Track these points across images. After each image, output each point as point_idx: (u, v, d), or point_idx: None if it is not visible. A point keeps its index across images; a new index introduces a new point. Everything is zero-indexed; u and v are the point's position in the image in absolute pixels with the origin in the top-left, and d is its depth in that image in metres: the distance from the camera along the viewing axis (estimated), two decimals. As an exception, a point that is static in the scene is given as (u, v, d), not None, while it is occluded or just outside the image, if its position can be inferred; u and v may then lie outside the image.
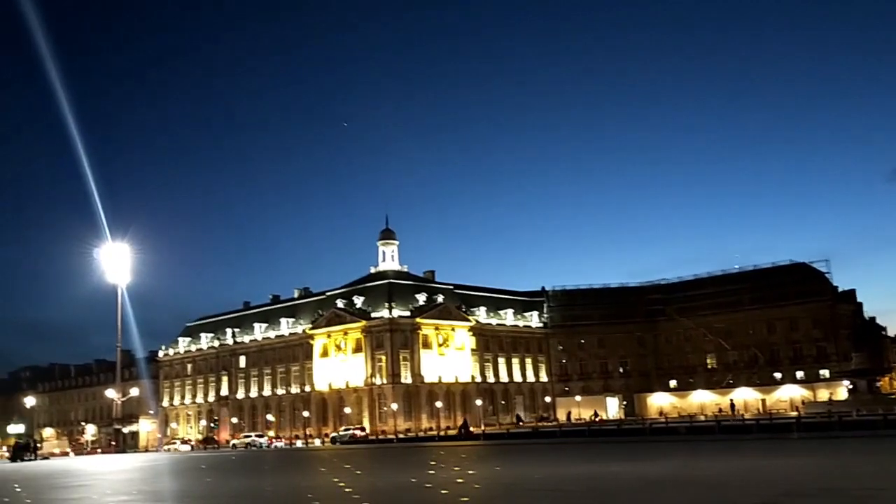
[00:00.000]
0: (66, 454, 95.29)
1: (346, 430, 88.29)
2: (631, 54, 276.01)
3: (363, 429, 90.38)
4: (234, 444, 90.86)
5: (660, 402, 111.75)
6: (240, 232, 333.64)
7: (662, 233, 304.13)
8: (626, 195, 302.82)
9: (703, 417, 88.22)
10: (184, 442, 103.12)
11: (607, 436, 60.80)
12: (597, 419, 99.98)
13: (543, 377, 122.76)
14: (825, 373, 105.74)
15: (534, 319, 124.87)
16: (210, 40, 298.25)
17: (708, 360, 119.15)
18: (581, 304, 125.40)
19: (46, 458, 75.26)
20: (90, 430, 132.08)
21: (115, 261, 68.61)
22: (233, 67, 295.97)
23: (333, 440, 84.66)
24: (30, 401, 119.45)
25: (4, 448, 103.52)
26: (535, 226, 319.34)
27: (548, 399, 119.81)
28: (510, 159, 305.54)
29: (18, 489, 29.80)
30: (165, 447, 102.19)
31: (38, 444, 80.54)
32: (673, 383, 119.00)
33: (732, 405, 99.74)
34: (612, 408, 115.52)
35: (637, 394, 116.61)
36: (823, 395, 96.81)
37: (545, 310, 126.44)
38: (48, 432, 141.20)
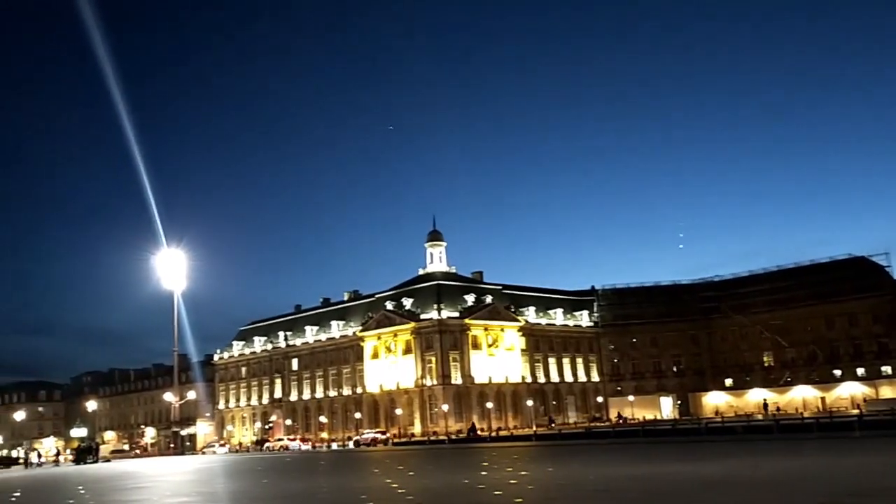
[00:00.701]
0: (125, 457, 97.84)
1: (367, 433, 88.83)
2: (686, 47, 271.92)
3: (384, 432, 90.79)
4: (268, 447, 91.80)
5: (715, 401, 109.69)
6: (290, 236, 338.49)
7: (714, 229, 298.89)
8: (677, 191, 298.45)
9: (760, 416, 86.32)
10: (221, 445, 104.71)
11: (662, 436, 59.87)
12: (631, 419, 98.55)
13: (595, 377, 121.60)
14: (887, 369, 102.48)
15: (584, 319, 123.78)
16: (261, 47, 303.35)
17: (765, 358, 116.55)
18: (632, 302, 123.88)
19: (108, 460, 77.36)
20: (149, 433, 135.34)
21: (171, 267, 70.18)
22: (284, 73, 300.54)
23: (356, 443, 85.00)
24: (91, 405, 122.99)
25: (68, 451, 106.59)
26: (583, 225, 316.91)
27: (599, 399, 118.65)
28: (558, 158, 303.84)
29: (82, 491, 30.67)
30: (204, 450, 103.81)
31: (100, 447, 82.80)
32: (729, 382, 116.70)
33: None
34: (667, 407, 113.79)
35: (692, 393, 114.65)
36: (886, 392, 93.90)
37: (595, 309, 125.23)
38: (109, 435, 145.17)
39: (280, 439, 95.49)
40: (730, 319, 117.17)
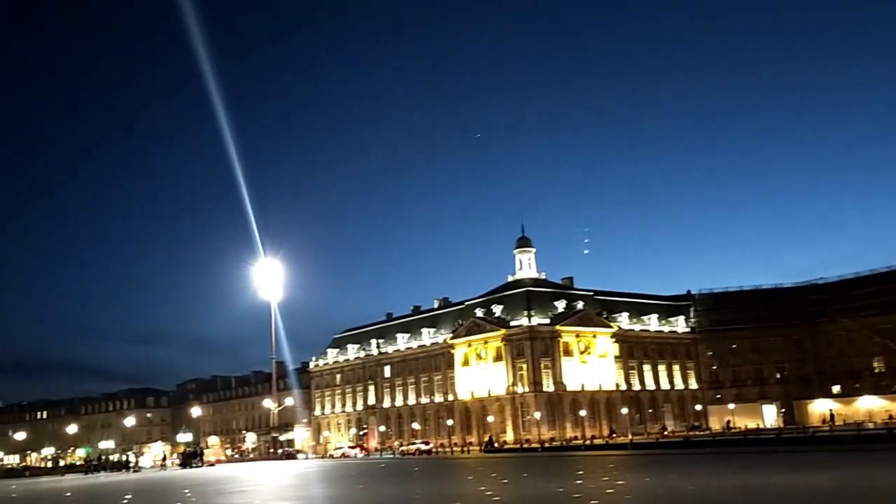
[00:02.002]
0: (226, 461, 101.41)
1: (412, 443, 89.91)
2: (785, 47, 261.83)
3: (427, 443, 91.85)
4: (331, 454, 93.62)
5: (822, 408, 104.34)
6: (381, 245, 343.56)
7: (816, 230, 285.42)
8: (776, 191, 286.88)
9: (871, 425, 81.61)
10: (299, 451, 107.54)
11: (766, 445, 57.44)
12: (731, 428, 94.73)
13: (692, 384, 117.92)
14: None
15: (680, 324, 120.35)
16: (353, 57, 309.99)
17: (874, 364, 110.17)
18: (731, 307, 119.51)
19: (213, 464, 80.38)
20: (250, 438, 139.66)
21: (268, 278, 72.43)
22: (376, 83, 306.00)
23: (402, 453, 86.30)
24: (196, 411, 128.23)
25: (175, 455, 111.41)
26: (677, 228, 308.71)
27: (698, 407, 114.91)
28: (650, 160, 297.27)
29: (188, 493, 31.91)
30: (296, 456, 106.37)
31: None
32: (836, 389, 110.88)
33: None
34: (770, 416, 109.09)
35: (797, 400, 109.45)
36: None
37: (692, 314, 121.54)
38: (213, 440, 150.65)
39: (339, 447, 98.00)
40: (837, 323, 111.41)
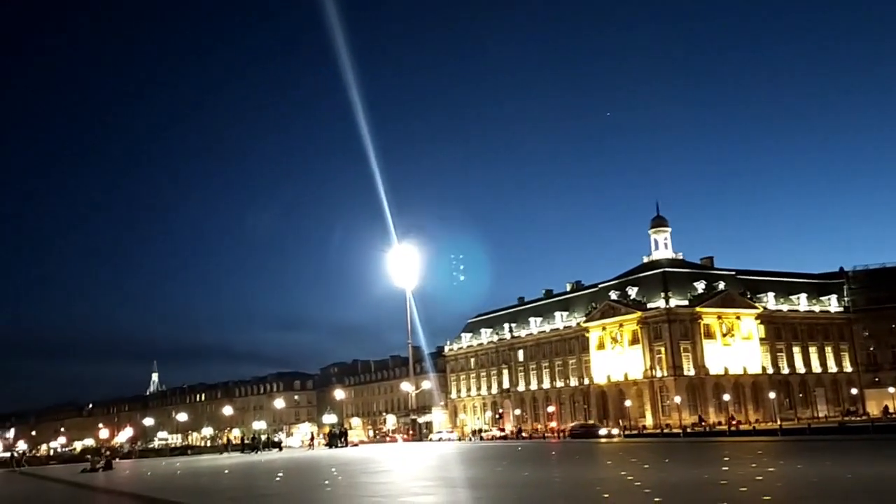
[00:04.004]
0: (368, 442, 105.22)
1: (478, 429, 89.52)
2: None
3: (502, 429, 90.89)
4: (469, 437, 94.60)
5: None
6: (512, 228, 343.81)
7: None
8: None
9: None
10: (394, 432, 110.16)
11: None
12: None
13: (847, 367, 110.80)
14: None
15: (832, 304, 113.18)
16: (480, 41, 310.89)
17: None
18: (890, 283, 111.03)
19: (356, 445, 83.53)
20: (390, 420, 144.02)
21: (403, 264, 74.04)
22: (504, 66, 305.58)
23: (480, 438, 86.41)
24: (339, 394, 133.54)
25: (321, 436, 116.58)
26: (826, 202, 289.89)
27: (853, 391, 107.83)
28: (793, 129, 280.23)
29: (335, 472, 33.40)
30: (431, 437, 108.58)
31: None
32: None
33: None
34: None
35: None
36: None
37: (845, 293, 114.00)
38: (355, 422, 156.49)
39: (476, 430, 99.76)
40: None
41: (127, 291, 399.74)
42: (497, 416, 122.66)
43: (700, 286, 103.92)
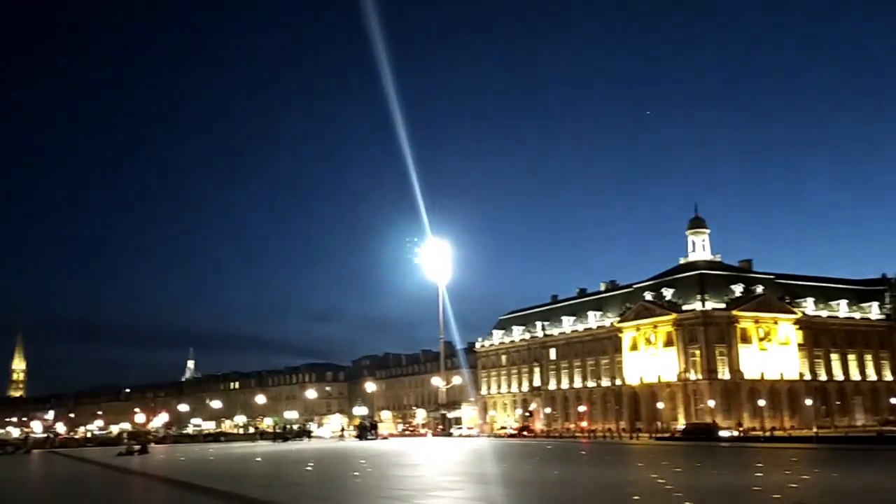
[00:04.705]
0: (398, 435, 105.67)
1: (503, 427, 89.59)
2: None
3: (525, 427, 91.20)
4: (496, 433, 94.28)
5: None
6: (546, 226, 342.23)
7: None
8: None
9: None
10: (424, 426, 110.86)
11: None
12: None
13: (887, 376, 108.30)
14: None
15: (873, 310, 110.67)
16: (515, 39, 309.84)
17: None
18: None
19: (385, 438, 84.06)
20: (420, 415, 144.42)
21: (436, 259, 74.30)
22: (539, 65, 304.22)
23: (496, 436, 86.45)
24: (370, 386, 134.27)
25: (351, 427, 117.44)
26: (867, 205, 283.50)
27: (893, 400, 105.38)
28: (834, 132, 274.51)
29: (364, 463, 33.63)
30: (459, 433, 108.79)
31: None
32: None
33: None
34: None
35: None
36: None
37: (887, 300, 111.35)
38: (385, 415, 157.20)
39: (504, 427, 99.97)
40: None
41: (167, 280, 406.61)
42: (527, 413, 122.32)
43: (738, 289, 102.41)
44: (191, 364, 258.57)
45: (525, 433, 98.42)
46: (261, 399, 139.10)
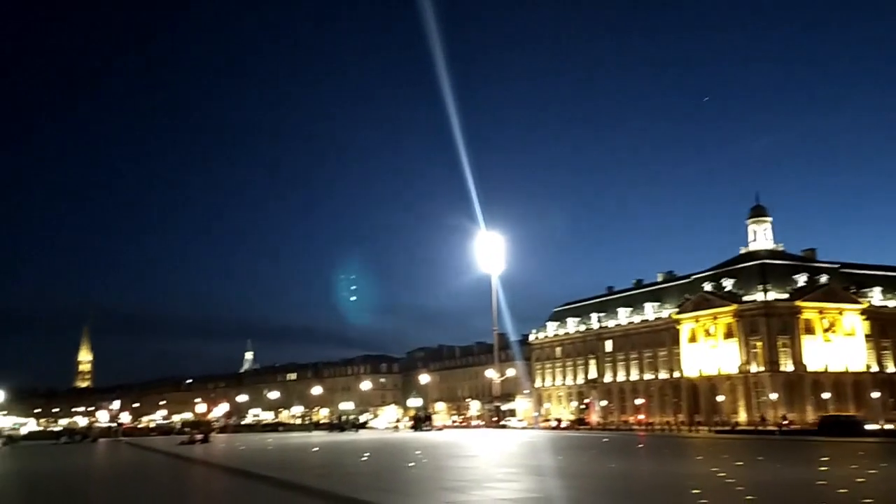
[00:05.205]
0: (452, 427, 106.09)
1: (558, 419, 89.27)
2: None
3: (581, 420, 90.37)
4: (551, 426, 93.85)
5: None
6: (602, 217, 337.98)
7: None
8: None
9: None
10: (478, 418, 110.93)
11: None
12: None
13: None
14: None
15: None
16: (570, 28, 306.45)
17: None
18: None
19: (440, 429, 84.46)
20: (474, 406, 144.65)
21: (489, 250, 74.14)
22: (594, 52, 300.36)
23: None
24: (424, 378, 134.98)
25: (406, 419, 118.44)
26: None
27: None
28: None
29: (420, 454, 33.76)
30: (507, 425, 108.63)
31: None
32: None
33: None
34: None
35: None
36: None
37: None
38: (439, 407, 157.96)
39: (558, 419, 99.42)
40: None
41: (227, 274, 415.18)
42: (582, 406, 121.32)
43: (801, 279, 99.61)
44: (249, 356, 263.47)
45: (581, 426, 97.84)
46: (317, 390, 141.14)
